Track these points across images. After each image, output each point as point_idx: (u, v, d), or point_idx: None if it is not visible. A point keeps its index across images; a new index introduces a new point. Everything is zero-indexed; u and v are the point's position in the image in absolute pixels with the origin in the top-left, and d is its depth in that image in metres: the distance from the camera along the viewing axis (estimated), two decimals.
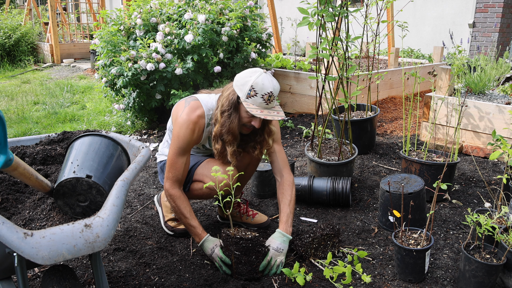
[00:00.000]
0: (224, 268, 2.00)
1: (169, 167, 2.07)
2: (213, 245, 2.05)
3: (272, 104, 1.96)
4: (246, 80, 1.92)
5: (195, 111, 2.03)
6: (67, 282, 1.47)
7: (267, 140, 2.14)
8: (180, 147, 2.03)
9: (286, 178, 2.22)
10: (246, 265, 1.96)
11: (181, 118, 2.02)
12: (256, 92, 1.89)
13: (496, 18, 7.33)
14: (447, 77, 3.56)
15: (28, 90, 6.64)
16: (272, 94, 1.91)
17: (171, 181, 2.08)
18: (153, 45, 3.94)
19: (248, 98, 1.91)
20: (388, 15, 5.86)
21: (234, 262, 1.96)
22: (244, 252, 1.95)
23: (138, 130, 4.39)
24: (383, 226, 2.41)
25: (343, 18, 2.72)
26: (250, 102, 1.92)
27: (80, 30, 11.10)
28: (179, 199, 2.08)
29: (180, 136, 2.02)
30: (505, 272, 1.86)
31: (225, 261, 1.99)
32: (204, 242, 2.07)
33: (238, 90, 1.95)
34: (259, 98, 1.90)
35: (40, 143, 1.98)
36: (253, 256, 1.96)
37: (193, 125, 2.01)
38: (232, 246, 1.96)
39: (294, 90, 4.85)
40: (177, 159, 2.05)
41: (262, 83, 1.89)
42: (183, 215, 2.07)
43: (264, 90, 1.89)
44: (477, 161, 3.37)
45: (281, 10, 9.57)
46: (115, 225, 1.26)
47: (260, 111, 1.91)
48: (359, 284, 1.93)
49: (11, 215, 1.59)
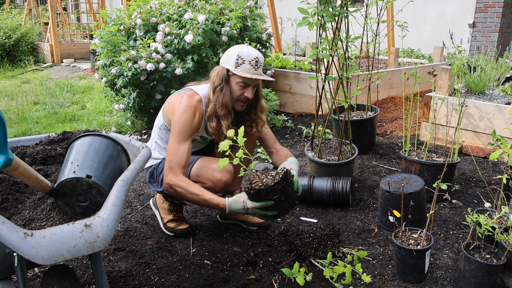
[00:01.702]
0: (270, 214, 1.89)
1: (171, 156, 2.02)
2: (241, 202, 1.93)
3: (260, 71, 2.09)
4: (232, 53, 2.06)
5: (193, 97, 2.11)
6: (67, 282, 1.47)
7: (261, 116, 2.23)
8: (181, 132, 2.04)
9: (280, 148, 2.35)
10: (287, 201, 1.90)
11: (181, 105, 2.07)
12: (244, 59, 2.03)
13: (496, 18, 7.33)
14: (447, 77, 3.56)
15: (28, 90, 6.64)
16: (258, 59, 2.06)
17: (175, 169, 2.01)
18: (153, 45, 3.94)
19: (237, 68, 2.04)
20: (388, 15, 5.86)
21: (275, 205, 1.88)
22: (283, 191, 1.87)
23: (138, 130, 4.39)
24: (383, 226, 2.41)
25: (343, 18, 2.72)
26: (240, 70, 2.04)
27: (80, 30, 11.10)
28: (184, 183, 1.99)
29: (181, 121, 2.04)
30: (505, 272, 1.86)
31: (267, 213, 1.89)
32: (231, 206, 1.94)
33: (225, 64, 2.08)
34: (247, 64, 2.04)
35: (40, 143, 1.98)
36: (289, 188, 1.90)
37: (194, 109, 2.07)
38: (268, 195, 1.85)
39: (294, 90, 4.85)
40: (179, 146, 2.03)
41: (247, 51, 2.05)
42: (194, 194, 1.98)
43: (250, 56, 2.04)
44: (477, 161, 3.37)
45: (281, 10, 9.57)
46: (115, 225, 1.26)
47: (251, 75, 2.03)
48: (359, 284, 1.93)
49: (11, 215, 1.59)
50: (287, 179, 1.89)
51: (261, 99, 2.24)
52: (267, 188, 1.84)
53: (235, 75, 2.07)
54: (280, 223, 2.50)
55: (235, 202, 1.94)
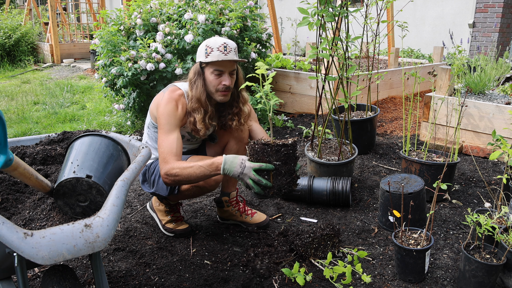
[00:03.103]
0: (264, 182, 1.75)
1: (162, 147, 1.98)
2: (239, 161, 1.80)
3: (231, 56, 2.04)
4: (201, 46, 2.08)
5: (175, 91, 2.12)
6: (67, 282, 1.47)
7: (243, 109, 2.21)
8: (167, 123, 2.02)
9: None
10: (286, 176, 1.74)
11: (163, 99, 2.09)
12: (212, 47, 2.02)
13: (496, 18, 7.33)
14: (447, 77, 3.56)
15: (28, 90, 6.64)
16: (226, 44, 2.03)
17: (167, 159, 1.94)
18: (153, 45, 3.94)
19: (207, 57, 2.03)
20: (388, 15, 5.86)
21: (273, 174, 1.73)
22: (285, 161, 1.73)
23: (138, 130, 4.39)
24: (383, 226, 2.41)
25: (343, 18, 2.72)
26: (210, 58, 2.03)
27: (80, 30, 11.10)
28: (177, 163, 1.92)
29: (165, 112, 2.05)
30: (505, 272, 1.86)
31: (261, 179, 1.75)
32: (226, 164, 1.82)
33: (198, 58, 2.10)
34: (215, 51, 2.02)
35: (40, 143, 1.98)
36: (292, 164, 1.76)
37: (175, 101, 2.08)
38: (271, 156, 1.72)
39: (294, 90, 4.85)
40: (168, 136, 2.00)
41: (214, 40, 2.04)
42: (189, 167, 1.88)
43: (217, 43, 2.02)
44: (477, 161, 3.37)
45: (281, 10, 9.57)
46: (115, 225, 1.26)
47: (221, 58, 2.01)
48: (359, 284, 1.93)
49: (11, 215, 1.59)
50: (295, 148, 1.77)
51: (242, 90, 2.19)
52: (273, 145, 1.72)
53: (207, 65, 2.07)
54: (280, 223, 2.50)
55: (233, 158, 1.82)
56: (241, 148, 2.31)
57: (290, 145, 1.76)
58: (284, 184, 1.78)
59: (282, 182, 1.77)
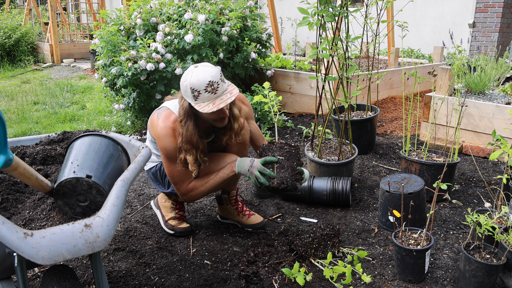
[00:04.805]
0: (268, 172, 1.99)
1: (171, 177, 2.12)
2: (249, 159, 2.09)
3: (222, 89, 1.91)
4: (185, 86, 1.90)
5: (169, 117, 2.06)
6: (67, 282, 1.47)
7: (233, 125, 2.11)
8: (169, 156, 2.06)
9: None
10: (288, 170, 2.01)
11: (159, 129, 2.05)
12: (198, 90, 1.87)
13: (496, 18, 7.33)
14: (447, 77, 3.56)
15: (28, 90, 6.64)
16: (212, 82, 1.87)
17: (179, 186, 2.13)
18: (153, 45, 3.94)
19: (196, 100, 1.90)
20: (388, 15, 5.86)
21: (277, 167, 2.01)
22: (288, 157, 2.03)
23: (138, 130, 4.39)
24: (383, 226, 2.41)
25: (343, 18, 2.72)
26: (200, 101, 1.90)
27: (80, 30, 11.10)
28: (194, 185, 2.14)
29: (165, 146, 2.05)
30: (505, 272, 1.86)
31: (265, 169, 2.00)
32: (238, 162, 2.09)
33: (185, 97, 1.95)
34: (204, 93, 1.87)
35: (40, 143, 1.98)
36: (294, 162, 2.04)
37: (172, 130, 2.03)
38: (275, 152, 2.05)
39: (294, 90, 4.85)
40: (173, 167, 2.09)
41: (197, 79, 1.86)
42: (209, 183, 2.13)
43: (203, 84, 1.86)
44: (477, 161, 3.37)
45: (281, 10, 9.57)
46: (115, 225, 1.26)
47: (212, 104, 1.88)
48: (359, 284, 1.93)
49: (11, 215, 1.59)
50: (297, 149, 2.09)
51: (233, 106, 2.10)
52: (277, 142, 2.08)
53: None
54: (280, 223, 2.50)
55: (243, 159, 2.10)
56: (241, 148, 2.29)
57: (292, 145, 2.10)
58: (286, 177, 2.00)
59: (284, 175, 2.00)
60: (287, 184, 1.98)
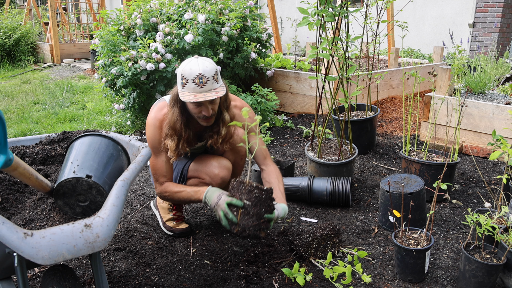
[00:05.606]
0: (230, 216, 1.79)
1: (153, 169, 2.12)
2: (218, 193, 1.90)
3: (209, 87, 1.86)
4: (179, 71, 1.90)
5: (161, 109, 2.07)
6: (67, 282, 1.47)
7: (221, 129, 2.05)
8: (153, 147, 2.06)
9: (271, 169, 2.19)
10: (253, 218, 1.77)
11: (149, 118, 2.06)
12: (187, 78, 1.85)
13: (496, 18, 7.33)
14: (447, 77, 3.56)
15: (28, 90, 6.64)
16: (202, 75, 1.83)
17: (159, 180, 2.11)
18: (153, 45, 3.94)
19: (183, 88, 1.88)
20: (388, 15, 5.86)
21: (241, 213, 1.78)
22: (255, 203, 1.77)
23: (138, 130, 4.39)
24: (383, 226, 2.41)
25: (343, 18, 2.72)
26: (185, 90, 1.87)
27: (80, 30, 11.10)
28: (169, 187, 2.09)
29: (149, 137, 2.05)
30: (505, 272, 1.86)
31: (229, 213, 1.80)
32: (208, 192, 1.95)
33: (177, 84, 1.94)
34: (191, 83, 1.85)
35: (40, 143, 1.98)
36: (262, 209, 1.78)
37: (159, 122, 2.04)
38: (243, 195, 1.78)
39: (294, 90, 4.85)
40: (157, 159, 2.09)
41: (189, 68, 1.85)
42: (179, 192, 2.06)
43: (192, 74, 1.84)
44: (477, 161, 3.37)
45: (281, 10, 9.57)
46: (115, 225, 1.26)
47: (193, 96, 1.85)
48: (359, 284, 1.93)
49: (11, 215, 1.59)
50: (268, 194, 1.80)
51: (225, 110, 2.04)
52: (247, 184, 1.79)
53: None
54: (280, 223, 2.50)
55: (215, 190, 1.95)
56: (237, 158, 2.27)
57: (264, 189, 1.79)
58: (249, 226, 1.78)
59: (248, 223, 1.78)
60: (249, 233, 1.78)
